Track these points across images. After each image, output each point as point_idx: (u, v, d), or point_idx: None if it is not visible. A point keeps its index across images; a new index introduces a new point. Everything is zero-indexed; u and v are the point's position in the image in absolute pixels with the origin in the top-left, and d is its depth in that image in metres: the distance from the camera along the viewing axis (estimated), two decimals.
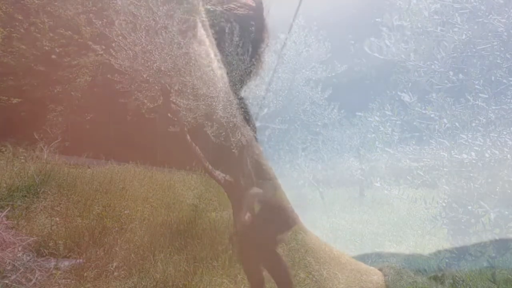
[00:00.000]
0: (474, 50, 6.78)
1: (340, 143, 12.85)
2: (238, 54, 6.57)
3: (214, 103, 5.82)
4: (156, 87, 5.63)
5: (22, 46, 7.17)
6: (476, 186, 6.41)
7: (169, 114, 5.71)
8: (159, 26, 5.41)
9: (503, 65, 6.65)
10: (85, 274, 4.32)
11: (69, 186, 5.83)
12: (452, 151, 6.58)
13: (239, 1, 9.05)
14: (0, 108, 6.93)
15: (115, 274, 4.50)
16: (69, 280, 4.19)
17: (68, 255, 4.56)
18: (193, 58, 5.76)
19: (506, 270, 6.30)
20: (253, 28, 8.90)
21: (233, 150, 5.90)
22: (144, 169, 7.29)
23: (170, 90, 5.62)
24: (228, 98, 5.97)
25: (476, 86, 6.71)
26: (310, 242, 6.43)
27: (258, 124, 11.65)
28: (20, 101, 7.12)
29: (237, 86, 6.33)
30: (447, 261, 6.74)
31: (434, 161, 7.03)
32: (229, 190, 5.93)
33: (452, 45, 6.83)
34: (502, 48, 6.61)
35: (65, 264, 4.39)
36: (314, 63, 13.09)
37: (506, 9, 6.46)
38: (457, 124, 6.81)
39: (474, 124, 6.68)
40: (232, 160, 5.98)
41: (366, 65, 15.50)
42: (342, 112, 13.07)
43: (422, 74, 7.33)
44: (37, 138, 6.95)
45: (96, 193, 5.91)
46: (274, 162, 12.42)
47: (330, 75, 13.20)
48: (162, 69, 5.42)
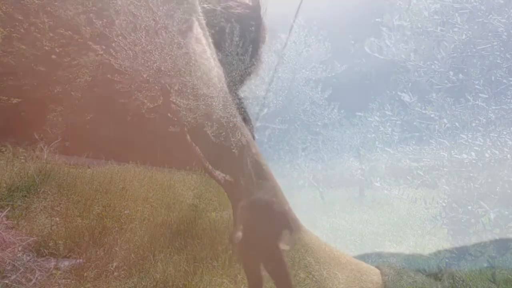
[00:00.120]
0: (474, 50, 6.78)
1: (340, 143, 12.84)
2: (238, 54, 6.58)
3: (214, 103, 5.82)
4: (156, 87, 5.63)
5: (22, 46, 7.17)
6: (476, 186, 6.41)
7: (169, 114, 5.71)
8: (159, 26, 5.41)
9: (503, 65, 6.65)
10: (85, 274, 4.32)
11: (69, 186, 5.82)
12: (452, 151, 6.58)
13: (237, 0, 9.05)
14: (0, 108, 6.94)
15: (115, 274, 4.50)
16: (69, 280, 4.19)
17: (68, 255, 4.56)
18: (193, 58, 5.76)
19: (506, 270, 6.30)
20: (253, 28, 8.91)
21: (233, 150, 5.91)
22: (144, 169, 7.29)
23: (170, 90, 5.62)
24: (228, 98, 5.97)
25: (476, 86, 6.72)
26: (310, 242, 6.43)
27: (258, 124, 11.66)
28: (20, 101, 7.12)
29: (237, 86, 6.34)
30: (447, 261, 6.73)
31: (434, 161, 7.03)
32: (229, 190, 5.94)
33: (452, 45, 6.84)
34: (502, 48, 6.62)
35: (65, 264, 4.39)
36: (314, 63, 13.10)
37: (506, 9, 6.47)
38: (457, 124, 6.81)
39: (474, 124, 6.69)
40: (232, 160, 5.99)
41: (366, 65, 15.48)
42: (342, 112, 13.07)
43: (422, 74, 7.33)
44: (37, 138, 6.95)
45: (96, 193, 5.91)
46: (274, 162, 12.42)
47: (330, 75, 13.21)
48: (162, 69, 5.42)
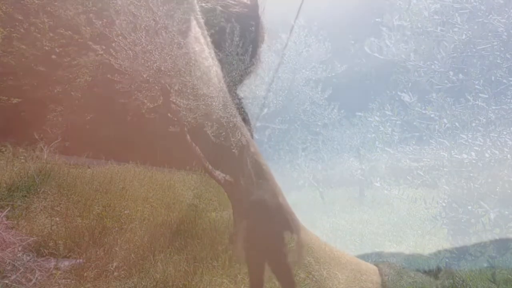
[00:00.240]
0: (474, 50, 6.79)
1: (340, 143, 12.83)
2: (238, 54, 6.58)
3: (214, 103, 5.82)
4: (156, 87, 5.62)
5: (22, 46, 7.17)
6: (476, 186, 6.41)
7: (169, 114, 5.70)
8: (159, 26, 5.41)
9: (503, 65, 6.66)
10: (85, 274, 4.32)
11: (69, 186, 5.82)
12: (452, 151, 6.58)
13: None
14: (0, 108, 6.94)
15: (115, 274, 4.49)
16: (69, 280, 4.19)
17: (68, 255, 4.56)
18: (193, 58, 5.76)
19: (506, 270, 6.30)
20: (253, 28, 8.91)
21: (233, 150, 5.91)
22: (144, 169, 7.29)
23: (170, 90, 5.62)
24: (228, 98, 5.97)
25: (476, 86, 6.72)
26: (310, 242, 6.43)
27: (258, 124, 11.67)
28: (20, 101, 7.12)
29: (237, 86, 6.34)
30: (447, 261, 6.73)
31: (434, 161, 7.03)
32: (229, 190, 5.94)
33: (452, 45, 6.84)
34: (502, 48, 6.63)
35: (65, 264, 4.39)
36: (314, 63, 13.10)
37: (506, 9, 6.48)
38: (457, 124, 6.82)
39: (474, 124, 6.69)
40: (232, 160, 5.98)
41: (366, 65, 15.47)
42: (342, 112, 13.05)
43: (422, 74, 7.34)
44: (37, 138, 6.95)
45: (96, 193, 5.91)
46: (274, 162, 12.41)
47: (330, 75, 13.20)
48: (162, 69, 5.42)
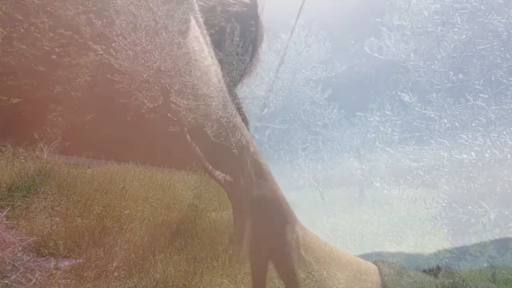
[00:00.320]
0: (474, 50, 6.79)
1: (340, 143, 12.82)
2: (238, 54, 6.58)
3: (214, 103, 5.82)
4: (156, 87, 5.63)
5: (22, 46, 7.17)
6: (476, 186, 6.41)
7: (169, 114, 5.71)
8: (159, 26, 5.41)
9: (503, 65, 6.66)
10: (85, 274, 4.32)
11: (69, 186, 5.82)
12: (452, 151, 6.59)
13: None
14: (0, 108, 6.94)
15: (115, 274, 4.49)
16: (69, 280, 4.19)
17: (68, 255, 4.56)
18: (193, 58, 5.76)
19: (506, 270, 6.30)
20: (253, 28, 8.90)
21: (233, 150, 5.90)
22: (144, 169, 7.29)
23: (170, 90, 5.62)
24: (228, 98, 5.97)
25: (476, 86, 6.73)
26: (310, 242, 6.43)
27: (258, 124, 11.66)
28: (20, 101, 7.12)
29: (237, 86, 6.33)
30: (447, 261, 6.74)
31: (434, 161, 7.04)
32: (229, 190, 5.93)
33: (452, 45, 6.85)
34: (502, 48, 6.63)
35: (65, 264, 4.39)
36: (314, 63, 13.09)
37: (506, 9, 6.48)
38: (457, 124, 6.82)
39: (474, 124, 6.70)
40: (232, 160, 5.98)
41: (366, 65, 15.46)
42: (342, 112, 13.04)
43: (422, 74, 7.35)
44: (37, 138, 6.94)
45: (96, 193, 5.91)
46: (274, 162, 12.41)
47: (330, 75, 13.19)
48: (162, 69, 5.42)
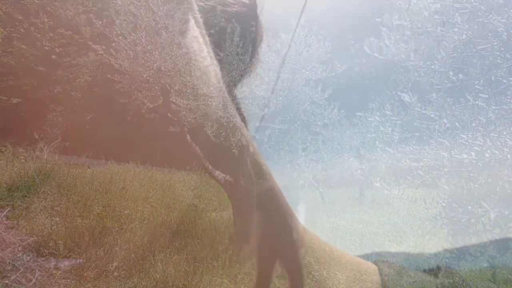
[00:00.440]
0: (474, 50, 6.79)
1: (340, 143, 12.83)
2: (238, 54, 6.57)
3: (214, 103, 5.82)
4: (156, 87, 5.62)
5: (22, 46, 7.17)
6: (476, 186, 6.41)
7: (169, 114, 5.70)
8: (159, 26, 5.40)
9: (503, 65, 6.66)
10: (85, 274, 4.32)
11: (69, 186, 5.82)
12: (452, 151, 6.59)
13: None
14: (0, 108, 6.94)
15: (115, 274, 4.49)
16: (69, 280, 4.19)
17: (68, 255, 4.56)
18: (193, 58, 5.76)
19: (506, 270, 6.31)
20: (253, 28, 8.91)
21: (233, 150, 5.90)
22: (144, 169, 7.29)
23: (170, 90, 5.62)
24: (227, 98, 5.96)
25: (476, 86, 6.72)
26: (310, 242, 6.43)
27: (258, 124, 11.66)
28: (20, 101, 7.12)
29: (237, 86, 6.33)
30: (447, 261, 6.74)
31: (434, 161, 7.03)
32: (229, 190, 5.93)
33: (452, 45, 6.84)
34: (502, 48, 6.63)
35: (65, 264, 4.39)
36: (314, 63, 13.07)
37: (506, 9, 6.48)
38: (457, 124, 6.82)
39: (474, 124, 6.69)
40: (232, 160, 5.97)
41: (366, 65, 15.46)
42: (342, 112, 13.04)
43: (422, 74, 7.34)
44: (37, 138, 6.95)
45: (96, 193, 5.91)
46: (274, 162, 12.41)
47: (330, 75, 13.18)
48: (162, 69, 5.41)
